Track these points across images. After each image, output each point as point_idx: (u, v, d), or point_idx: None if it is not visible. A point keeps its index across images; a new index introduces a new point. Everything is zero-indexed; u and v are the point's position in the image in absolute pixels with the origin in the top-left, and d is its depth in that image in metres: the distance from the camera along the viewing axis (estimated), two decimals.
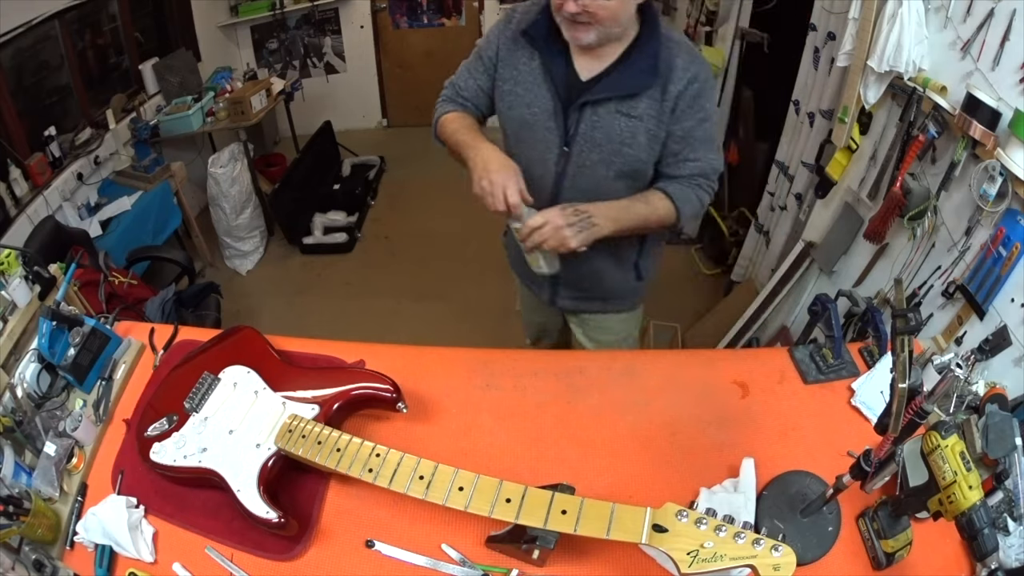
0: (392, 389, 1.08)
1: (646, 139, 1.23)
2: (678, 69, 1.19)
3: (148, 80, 3.31)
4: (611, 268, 1.46)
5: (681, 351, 2.66)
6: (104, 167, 2.92)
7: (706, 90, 1.23)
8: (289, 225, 3.63)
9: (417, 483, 0.91)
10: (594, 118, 1.22)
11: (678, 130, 1.23)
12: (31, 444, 1.12)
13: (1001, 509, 0.99)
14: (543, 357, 1.41)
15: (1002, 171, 1.20)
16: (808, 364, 1.26)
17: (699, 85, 1.20)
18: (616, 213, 1.22)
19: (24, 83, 2.55)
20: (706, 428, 1.15)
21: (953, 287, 1.35)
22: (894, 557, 0.92)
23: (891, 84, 1.59)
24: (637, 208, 1.25)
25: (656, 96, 1.20)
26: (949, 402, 1.13)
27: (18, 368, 1.19)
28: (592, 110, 1.22)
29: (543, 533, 0.85)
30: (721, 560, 0.74)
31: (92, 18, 2.92)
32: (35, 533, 0.98)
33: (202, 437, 1.05)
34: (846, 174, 1.89)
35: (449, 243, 3.71)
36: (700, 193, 1.29)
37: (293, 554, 0.98)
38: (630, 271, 1.49)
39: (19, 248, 1.33)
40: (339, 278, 3.48)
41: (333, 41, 4.58)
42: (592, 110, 1.22)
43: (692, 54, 1.21)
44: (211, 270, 3.49)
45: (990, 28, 1.26)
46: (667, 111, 1.20)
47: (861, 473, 0.87)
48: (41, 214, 2.45)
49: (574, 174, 1.29)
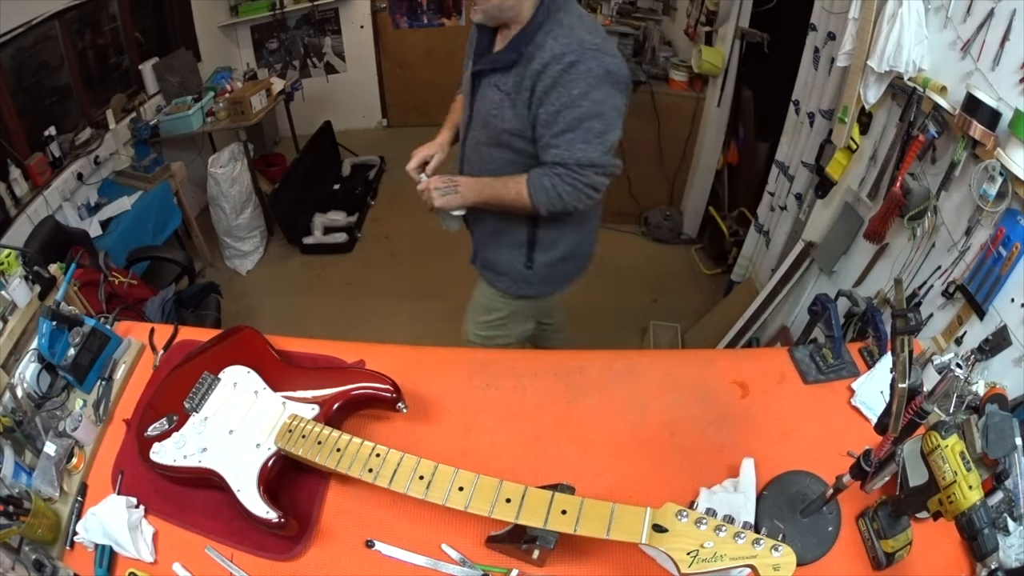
0: (392, 389, 1.08)
1: (511, 113, 1.31)
2: (545, 49, 1.23)
3: (148, 80, 3.31)
4: (500, 243, 1.55)
5: (681, 351, 2.67)
6: (104, 167, 2.92)
7: (573, 76, 1.21)
8: (289, 225, 3.63)
9: (417, 483, 0.91)
10: (482, 89, 1.36)
11: (542, 114, 1.26)
12: (31, 444, 1.12)
13: (1001, 509, 0.99)
14: (543, 357, 1.42)
15: (1002, 171, 1.20)
16: (808, 364, 1.27)
17: (562, 68, 1.21)
18: (478, 186, 1.40)
19: (24, 83, 2.55)
20: (706, 428, 1.15)
21: (953, 287, 1.35)
22: (894, 557, 0.93)
23: (891, 84, 1.59)
24: (496, 186, 1.38)
25: (521, 73, 1.27)
26: (949, 402, 1.13)
27: (18, 368, 1.19)
28: (482, 81, 1.36)
29: (543, 533, 0.85)
30: (721, 560, 0.74)
31: (92, 18, 2.91)
32: (35, 533, 0.98)
33: (202, 437, 1.05)
34: (846, 174, 1.89)
35: (449, 243, 3.68)
36: (557, 183, 1.30)
37: (293, 554, 0.98)
38: (519, 255, 1.52)
39: (19, 248, 1.32)
40: (339, 278, 3.48)
41: (333, 41, 4.58)
42: (482, 81, 1.36)
43: (572, 39, 1.22)
44: (211, 270, 3.49)
45: (990, 28, 1.26)
46: (527, 88, 1.26)
47: (861, 473, 0.87)
48: (41, 214, 2.45)
49: (471, 138, 1.45)
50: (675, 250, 3.69)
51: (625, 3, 3.60)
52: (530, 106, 1.28)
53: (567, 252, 1.53)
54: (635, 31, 3.51)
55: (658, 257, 3.64)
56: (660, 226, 3.71)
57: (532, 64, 1.24)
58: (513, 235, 1.51)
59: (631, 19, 3.56)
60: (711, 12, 2.98)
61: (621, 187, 3.69)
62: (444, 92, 5.52)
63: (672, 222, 3.70)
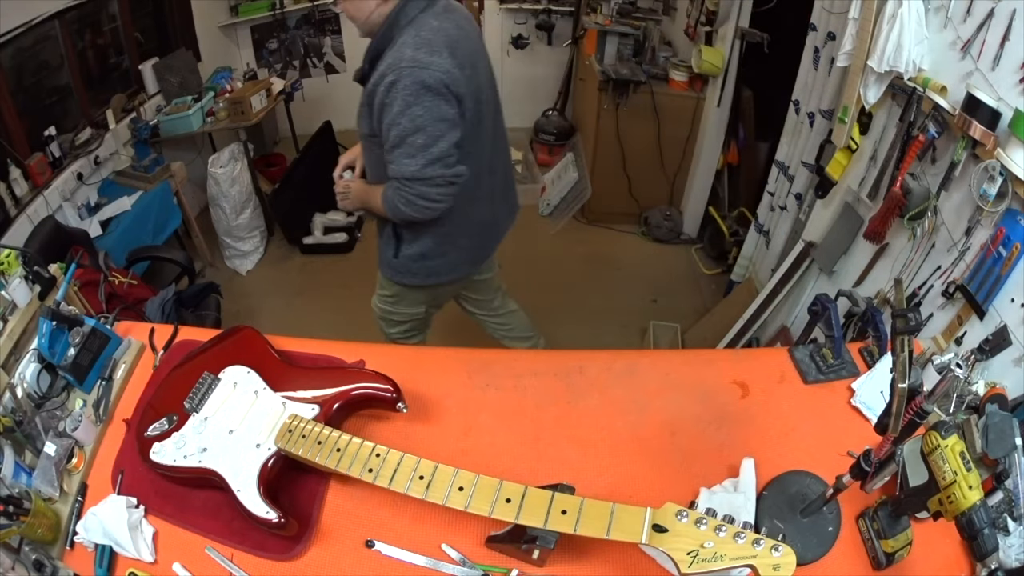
0: (392, 389, 1.08)
1: (367, 122, 1.43)
2: (378, 70, 1.35)
3: (148, 80, 3.31)
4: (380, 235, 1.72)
5: (681, 351, 2.67)
6: (104, 167, 2.92)
7: (393, 95, 1.31)
8: (289, 225, 3.63)
9: (417, 483, 0.91)
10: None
11: (380, 128, 1.39)
12: (31, 444, 1.12)
13: (1001, 509, 0.99)
14: (543, 357, 1.42)
15: (1002, 171, 1.20)
16: (808, 364, 1.27)
17: (384, 89, 1.32)
18: (362, 195, 1.62)
19: (24, 83, 2.55)
20: (706, 428, 1.15)
21: (953, 287, 1.35)
22: (894, 557, 0.93)
23: (891, 84, 1.59)
24: (371, 193, 1.55)
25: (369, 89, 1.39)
26: (949, 402, 1.13)
27: (18, 368, 1.19)
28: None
29: (543, 533, 0.85)
30: (721, 560, 0.74)
31: (92, 18, 2.91)
32: (35, 533, 0.98)
33: (202, 437, 1.05)
34: (846, 174, 1.89)
35: None
36: (393, 195, 1.43)
37: (293, 554, 0.98)
38: (391, 246, 1.68)
39: (19, 248, 1.32)
40: (339, 278, 3.48)
41: (333, 41, 4.58)
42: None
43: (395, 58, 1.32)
44: (211, 270, 3.48)
45: (990, 28, 1.26)
46: (369, 104, 1.39)
47: (861, 473, 0.87)
48: (41, 214, 2.45)
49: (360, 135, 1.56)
50: (675, 250, 3.69)
51: (625, 3, 3.60)
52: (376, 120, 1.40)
53: (426, 251, 1.65)
54: (635, 31, 3.51)
55: (658, 257, 3.64)
56: (660, 226, 3.71)
57: (368, 81, 1.38)
58: (386, 229, 1.67)
59: (631, 19, 3.56)
60: (711, 12, 2.98)
61: (621, 187, 3.70)
62: None
63: (672, 222, 3.71)
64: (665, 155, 3.53)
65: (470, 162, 1.44)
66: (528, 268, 3.53)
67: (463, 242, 1.69)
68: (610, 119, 3.43)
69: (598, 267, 3.57)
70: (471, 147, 1.45)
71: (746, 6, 2.76)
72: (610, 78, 3.31)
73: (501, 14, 4.49)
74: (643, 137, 3.47)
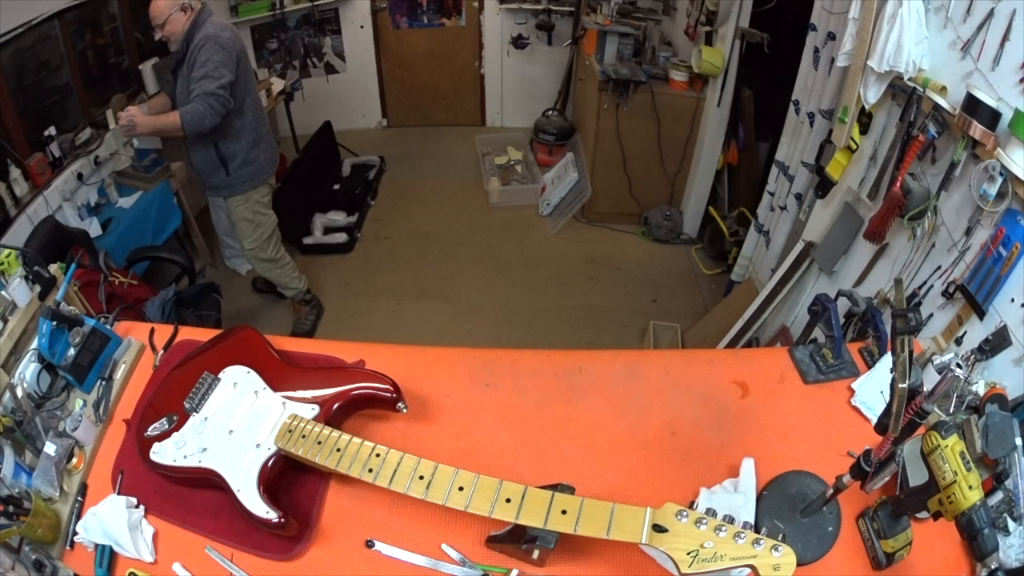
0: (392, 389, 1.08)
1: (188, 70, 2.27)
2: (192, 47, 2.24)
3: (148, 80, 3.30)
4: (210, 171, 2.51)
5: (681, 351, 2.67)
6: (104, 167, 2.92)
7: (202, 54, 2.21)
8: (289, 225, 3.62)
9: (417, 483, 0.91)
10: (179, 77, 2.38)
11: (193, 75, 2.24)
12: (31, 444, 1.12)
13: (1001, 509, 0.99)
14: (543, 357, 1.41)
15: (1002, 171, 1.20)
16: (808, 364, 1.26)
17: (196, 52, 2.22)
18: (150, 122, 2.27)
19: (24, 83, 2.55)
20: (706, 428, 1.15)
21: (953, 287, 1.36)
22: (894, 557, 0.92)
23: (891, 84, 1.59)
24: (160, 119, 2.29)
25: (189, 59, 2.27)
26: (949, 402, 1.13)
27: (18, 368, 1.19)
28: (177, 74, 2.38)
29: (543, 533, 0.85)
30: (721, 560, 0.74)
31: (92, 18, 2.92)
32: (35, 533, 0.98)
33: (202, 437, 1.05)
34: (846, 174, 1.89)
35: (449, 243, 3.71)
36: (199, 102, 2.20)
37: (293, 554, 0.98)
38: (219, 170, 2.48)
39: (19, 248, 1.32)
40: (339, 278, 3.48)
41: (333, 41, 4.58)
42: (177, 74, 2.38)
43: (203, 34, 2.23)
44: (211, 270, 3.49)
45: (990, 28, 1.26)
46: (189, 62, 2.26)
47: (861, 473, 0.87)
48: (41, 214, 2.45)
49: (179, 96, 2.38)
50: (675, 250, 3.70)
51: (625, 3, 3.60)
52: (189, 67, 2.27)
53: (245, 158, 2.50)
54: (635, 31, 3.51)
55: (658, 257, 3.65)
56: (660, 226, 3.71)
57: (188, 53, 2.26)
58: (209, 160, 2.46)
59: (631, 19, 3.56)
60: (711, 12, 2.98)
61: (621, 187, 3.70)
62: (444, 92, 5.52)
63: (672, 222, 3.71)
64: (665, 155, 3.54)
65: (251, 99, 2.44)
66: (528, 268, 3.54)
67: (262, 154, 2.58)
68: (610, 119, 3.44)
69: (598, 267, 3.57)
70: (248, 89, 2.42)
71: (746, 6, 2.77)
72: (610, 78, 3.31)
73: (501, 14, 4.49)
74: (643, 137, 3.47)
